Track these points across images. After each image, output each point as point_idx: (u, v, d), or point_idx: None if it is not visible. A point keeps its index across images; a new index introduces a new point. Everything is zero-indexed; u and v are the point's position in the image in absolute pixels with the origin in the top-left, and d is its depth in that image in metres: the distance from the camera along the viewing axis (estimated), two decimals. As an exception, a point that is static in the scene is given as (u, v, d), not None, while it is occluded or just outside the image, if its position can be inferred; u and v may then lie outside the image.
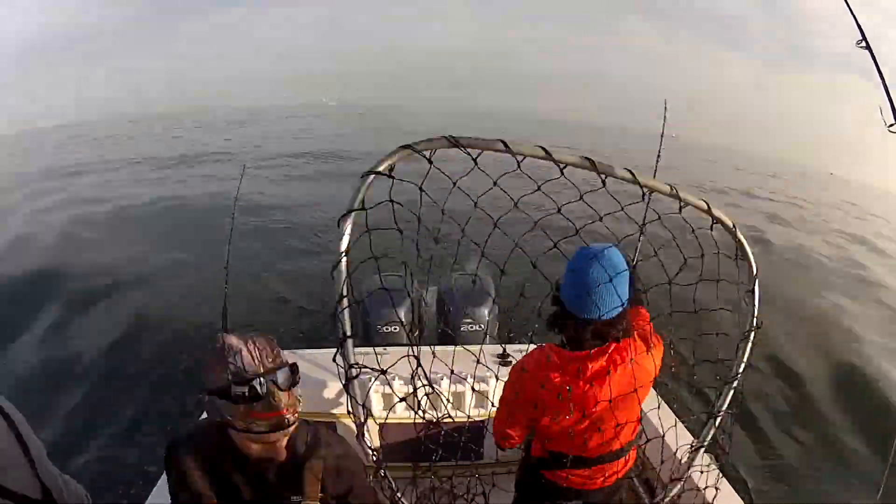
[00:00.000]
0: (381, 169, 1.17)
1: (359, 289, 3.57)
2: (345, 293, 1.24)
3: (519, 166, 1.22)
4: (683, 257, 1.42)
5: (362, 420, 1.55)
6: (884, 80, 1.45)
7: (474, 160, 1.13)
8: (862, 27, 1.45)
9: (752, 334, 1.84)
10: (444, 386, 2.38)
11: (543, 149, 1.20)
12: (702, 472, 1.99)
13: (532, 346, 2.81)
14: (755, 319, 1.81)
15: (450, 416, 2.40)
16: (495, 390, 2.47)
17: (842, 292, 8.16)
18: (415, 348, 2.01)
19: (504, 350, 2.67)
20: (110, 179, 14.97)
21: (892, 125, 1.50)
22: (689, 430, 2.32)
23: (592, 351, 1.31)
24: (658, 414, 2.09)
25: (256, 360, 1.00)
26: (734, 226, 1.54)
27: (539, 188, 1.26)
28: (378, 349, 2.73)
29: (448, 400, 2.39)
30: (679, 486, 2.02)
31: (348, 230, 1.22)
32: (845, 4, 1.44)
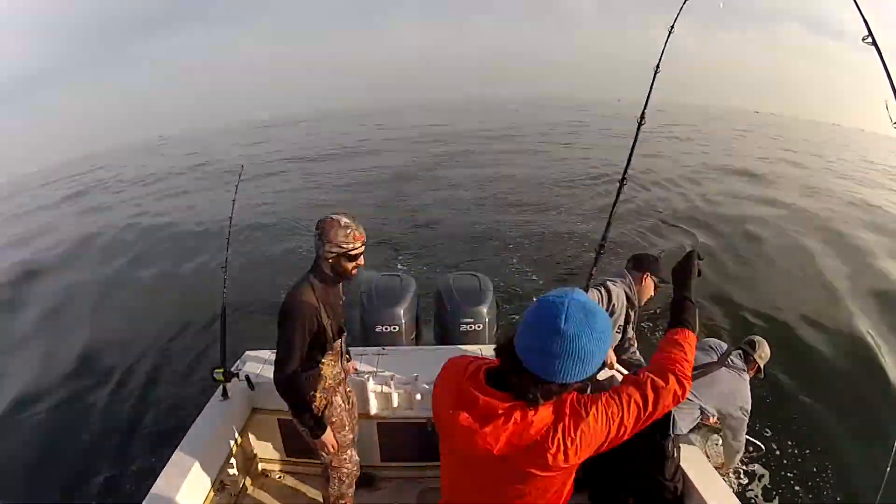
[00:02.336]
0: None
1: (358, 289, 3.55)
2: None
3: None
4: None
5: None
6: (889, 76, 1.42)
7: None
8: (868, 22, 1.43)
9: None
10: None
11: None
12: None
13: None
14: None
15: None
16: None
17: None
18: (413, 348, 1.99)
19: None
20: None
21: (898, 122, 1.48)
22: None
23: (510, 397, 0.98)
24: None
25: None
26: None
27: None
28: (377, 349, 2.72)
29: None
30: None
31: None
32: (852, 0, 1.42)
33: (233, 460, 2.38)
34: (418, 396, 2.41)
